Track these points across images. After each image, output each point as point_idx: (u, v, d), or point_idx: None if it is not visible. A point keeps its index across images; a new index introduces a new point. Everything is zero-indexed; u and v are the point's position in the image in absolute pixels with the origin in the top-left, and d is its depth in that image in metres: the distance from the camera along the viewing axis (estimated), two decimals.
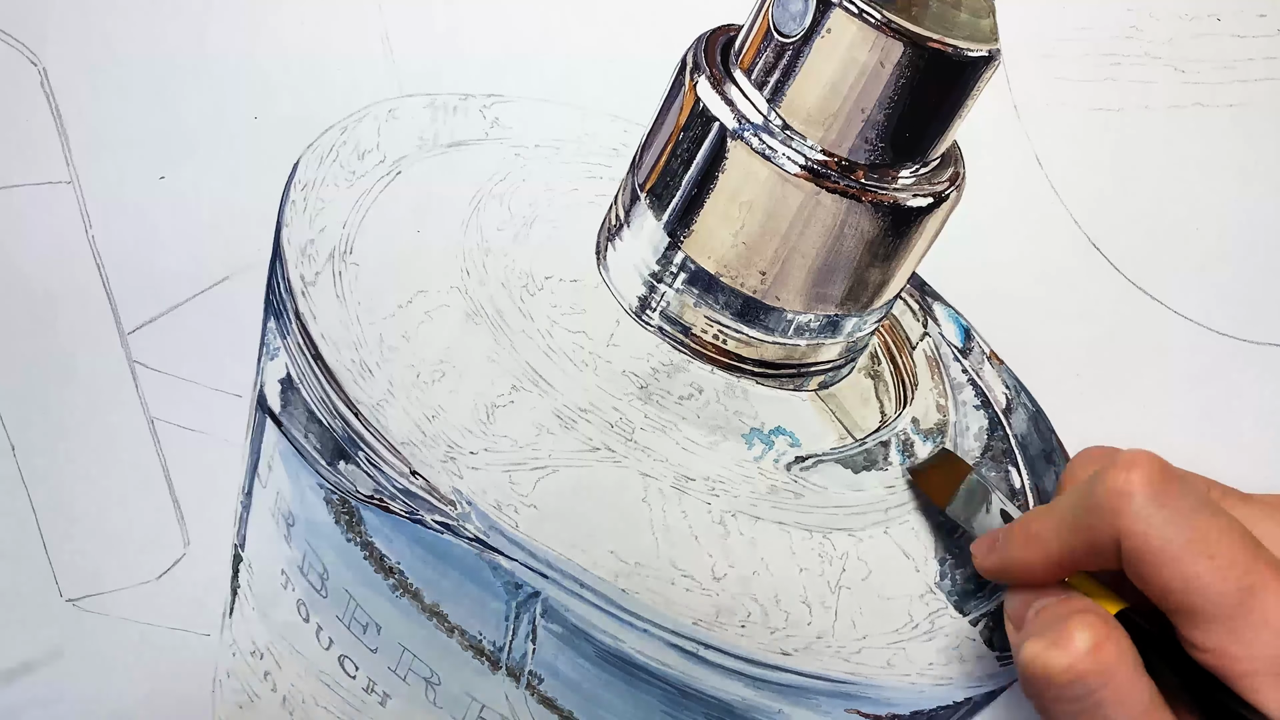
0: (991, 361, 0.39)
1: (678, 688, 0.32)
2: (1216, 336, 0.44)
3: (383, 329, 0.34)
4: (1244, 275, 0.45)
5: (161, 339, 0.42)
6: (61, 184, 0.42)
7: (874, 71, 0.29)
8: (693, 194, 0.31)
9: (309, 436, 0.34)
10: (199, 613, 0.42)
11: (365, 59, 0.43)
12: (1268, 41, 0.44)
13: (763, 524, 0.32)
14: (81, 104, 0.42)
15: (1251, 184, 0.45)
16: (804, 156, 0.30)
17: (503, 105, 0.41)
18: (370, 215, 0.36)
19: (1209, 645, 0.25)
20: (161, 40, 0.43)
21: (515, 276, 0.35)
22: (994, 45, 0.29)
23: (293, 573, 0.36)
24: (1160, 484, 0.25)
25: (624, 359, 0.33)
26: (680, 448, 0.33)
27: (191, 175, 0.42)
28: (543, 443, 0.32)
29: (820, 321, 0.32)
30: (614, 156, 0.40)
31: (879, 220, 0.30)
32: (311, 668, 0.37)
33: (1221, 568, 0.25)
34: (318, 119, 0.39)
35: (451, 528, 0.31)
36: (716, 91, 0.30)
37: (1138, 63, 0.44)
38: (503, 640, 0.32)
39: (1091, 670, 0.25)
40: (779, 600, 0.31)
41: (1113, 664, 0.25)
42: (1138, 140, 0.44)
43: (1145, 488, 0.25)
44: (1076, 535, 0.27)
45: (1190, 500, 0.25)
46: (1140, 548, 0.25)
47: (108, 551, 0.43)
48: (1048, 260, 0.44)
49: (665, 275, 0.32)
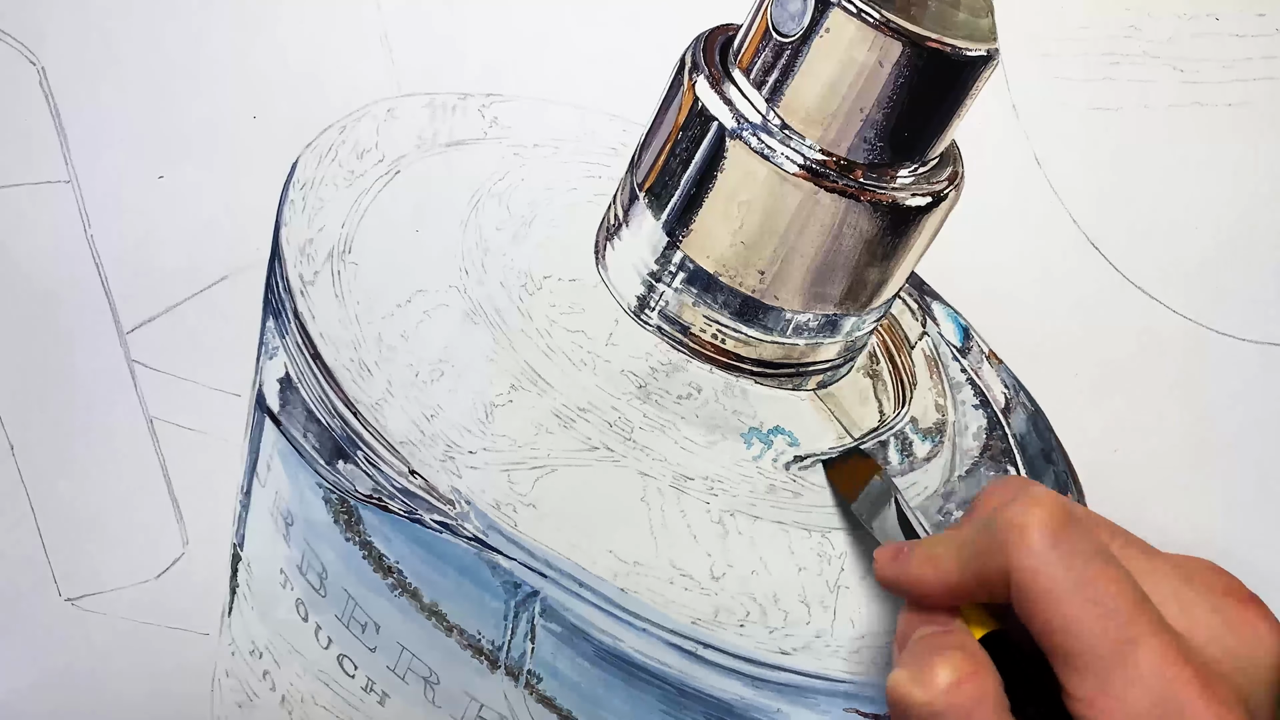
0: (990, 361, 0.39)
1: (676, 687, 0.32)
2: (1215, 335, 0.44)
3: (381, 328, 0.34)
4: (1243, 274, 0.45)
5: (160, 338, 0.42)
6: (60, 183, 0.42)
7: (873, 71, 0.29)
8: (691, 193, 0.31)
9: (308, 436, 0.34)
10: (197, 612, 0.42)
11: (364, 58, 0.43)
12: (1267, 41, 0.44)
13: (761, 523, 0.32)
14: (80, 103, 0.42)
15: (1250, 183, 0.45)
16: (803, 156, 0.30)
17: (501, 104, 0.41)
18: (369, 215, 0.36)
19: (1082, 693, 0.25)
20: (160, 39, 0.43)
21: (514, 276, 0.35)
22: (993, 44, 0.29)
23: (292, 572, 0.36)
24: (1058, 525, 0.25)
25: (623, 358, 0.33)
26: (679, 447, 0.33)
27: (190, 175, 0.42)
28: (541, 442, 0.32)
29: (819, 321, 0.32)
30: (613, 156, 0.40)
31: (878, 220, 0.30)
32: (310, 667, 0.37)
33: (1103, 616, 0.25)
34: (316, 118, 0.39)
35: (450, 527, 0.31)
36: (715, 91, 0.30)
37: (1137, 62, 0.44)
38: (501, 639, 0.32)
39: (948, 708, 0.25)
40: (778, 599, 0.31)
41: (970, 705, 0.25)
42: (1137, 139, 0.44)
43: (1042, 526, 0.25)
44: (971, 564, 0.27)
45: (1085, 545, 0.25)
46: (1028, 584, 0.25)
47: (106, 551, 0.43)
48: (1047, 259, 0.44)
49: (664, 274, 0.32)
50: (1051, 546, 0.25)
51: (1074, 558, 0.25)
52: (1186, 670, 0.24)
